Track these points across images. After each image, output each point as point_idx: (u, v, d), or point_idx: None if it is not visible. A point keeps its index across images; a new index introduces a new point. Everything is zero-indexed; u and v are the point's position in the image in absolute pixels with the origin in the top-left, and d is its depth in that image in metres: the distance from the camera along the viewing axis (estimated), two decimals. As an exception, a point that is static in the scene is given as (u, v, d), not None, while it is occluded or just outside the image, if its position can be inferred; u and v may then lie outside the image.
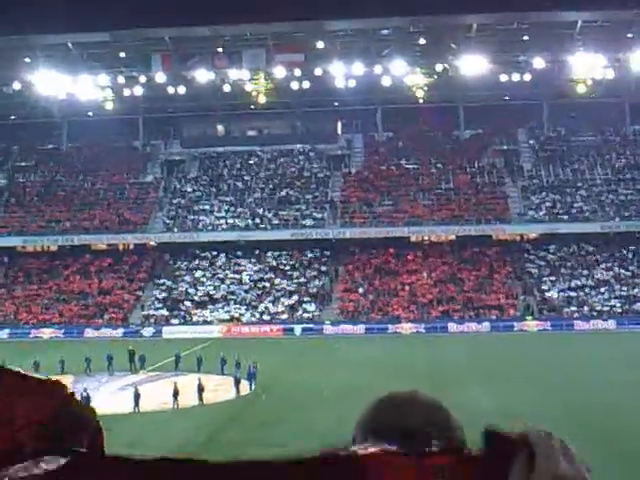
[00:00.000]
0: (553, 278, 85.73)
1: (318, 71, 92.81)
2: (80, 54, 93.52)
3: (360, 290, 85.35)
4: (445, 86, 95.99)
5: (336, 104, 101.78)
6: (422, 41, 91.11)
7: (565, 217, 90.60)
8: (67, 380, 49.39)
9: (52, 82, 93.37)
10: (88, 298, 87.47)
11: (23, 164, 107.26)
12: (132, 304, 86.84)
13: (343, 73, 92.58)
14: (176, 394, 43.76)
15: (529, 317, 79.80)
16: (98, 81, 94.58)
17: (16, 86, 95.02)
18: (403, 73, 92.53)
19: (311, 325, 79.90)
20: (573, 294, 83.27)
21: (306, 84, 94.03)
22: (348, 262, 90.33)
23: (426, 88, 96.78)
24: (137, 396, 43.00)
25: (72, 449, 2.27)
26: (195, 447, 34.38)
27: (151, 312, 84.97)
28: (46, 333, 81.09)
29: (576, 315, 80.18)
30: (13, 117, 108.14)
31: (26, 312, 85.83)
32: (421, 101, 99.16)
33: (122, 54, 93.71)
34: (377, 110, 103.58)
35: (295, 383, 48.73)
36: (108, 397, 47.23)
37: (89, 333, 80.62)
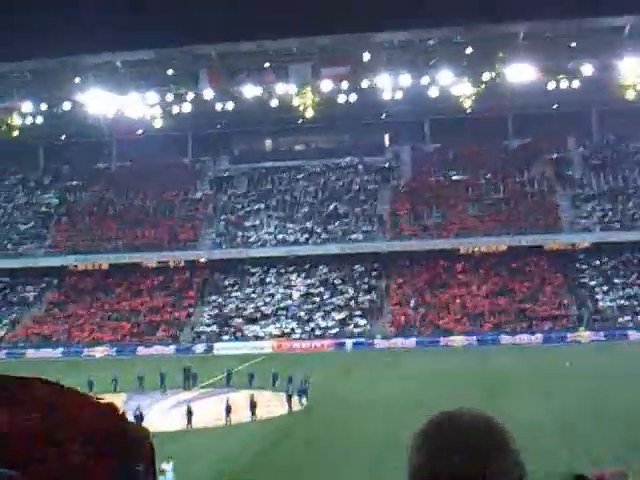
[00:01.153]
0: (606, 288, 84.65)
1: (365, 83, 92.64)
2: (128, 72, 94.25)
3: (411, 303, 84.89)
4: (493, 95, 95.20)
5: (383, 116, 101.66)
6: (469, 50, 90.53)
7: (617, 225, 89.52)
8: (120, 398, 49.93)
9: (101, 101, 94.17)
10: (139, 316, 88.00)
11: (74, 183, 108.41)
12: (183, 321, 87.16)
13: (390, 85, 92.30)
14: (229, 410, 43.70)
15: (582, 328, 78.86)
16: (147, 99, 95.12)
17: (66, 106, 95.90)
18: (450, 83, 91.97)
19: (362, 339, 79.57)
20: (626, 303, 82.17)
21: (353, 97, 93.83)
22: (398, 275, 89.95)
23: (474, 98, 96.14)
24: (190, 413, 43.00)
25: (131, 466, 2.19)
26: (248, 462, 34.34)
27: (202, 329, 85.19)
28: (99, 352, 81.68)
29: (630, 325, 79.06)
30: (63, 137, 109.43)
31: (79, 331, 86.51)
32: (469, 111, 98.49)
33: (170, 71, 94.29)
34: (425, 121, 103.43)
35: (347, 399, 48.50)
36: (161, 415, 47.30)
37: (141, 351, 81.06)
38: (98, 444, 2.51)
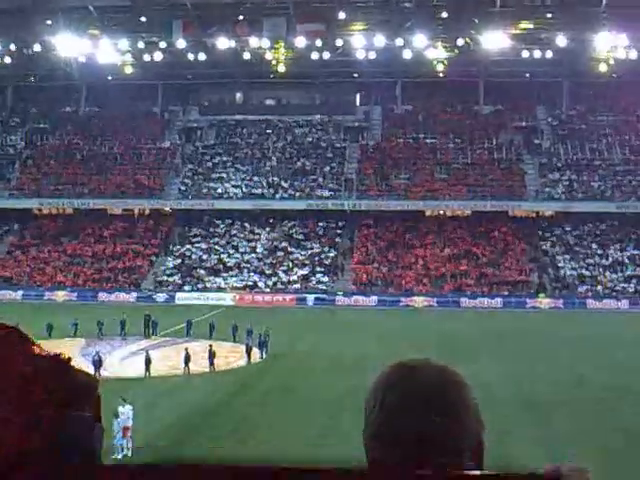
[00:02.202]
0: (567, 256, 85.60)
1: (339, 42, 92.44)
2: (101, 17, 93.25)
3: (374, 262, 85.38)
4: (466, 61, 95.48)
5: (356, 75, 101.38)
6: (444, 14, 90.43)
7: (581, 196, 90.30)
8: (79, 343, 50.02)
9: (72, 45, 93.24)
10: (102, 262, 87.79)
11: (41, 126, 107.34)
12: (146, 269, 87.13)
13: (364, 45, 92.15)
14: (187, 360, 43.88)
15: (542, 294, 79.77)
16: (118, 45, 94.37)
17: (36, 48, 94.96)
18: (424, 46, 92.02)
19: (324, 296, 79.97)
20: (587, 273, 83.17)
21: (326, 55, 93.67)
22: (362, 234, 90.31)
23: (447, 62, 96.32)
24: (148, 361, 43.10)
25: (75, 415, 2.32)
26: (206, 412, 34.59)
27: (165, 278, 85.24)
28: (60, 296, 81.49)
29: (589, 294, 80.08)
30: (32, 79, 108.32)
31: (40, 274, 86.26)
32: (441, 75, 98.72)
33: (143, 19, 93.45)
34: (397, 83, 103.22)
35: (306, 352, 48.96)
36: (120, 361, 47.48)
37: (102, 297, 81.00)
38: (40, 390, 2.63)
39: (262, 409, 34.90)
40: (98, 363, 41.60)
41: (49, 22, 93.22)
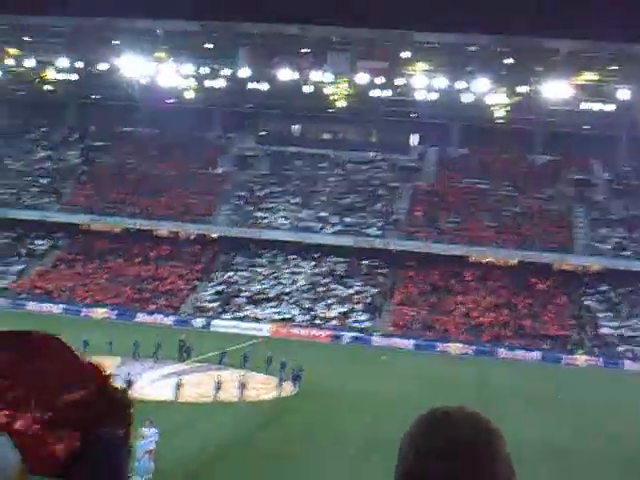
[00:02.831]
0: (609, 314, 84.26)
1: (400, 81, 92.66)
2: (168, 41, 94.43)
3: (414, 305, 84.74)
4: (526, 108, 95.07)
5: (413, 115, 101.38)
6: (508, 61, 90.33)
7: (630, 254, 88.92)
8: (113, 362, 50.08)
9: (137, 66, 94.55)
10: (144, 283, 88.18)
11: (99, 144, 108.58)
12: (186, 294, 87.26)
13: (424, 85, 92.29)
14: (218, 387, 43.82)
15: (580, 351, 78.57)
16: (182, 70, 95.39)
17: (102, 67, 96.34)
18: (485, 91, 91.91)
19: (361, 334, 79.44)
20: (628, 333, 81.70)
21: (386, 93, 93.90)
22: (406, 275, 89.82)
23: (506, 108, 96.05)
24: (179, 385, 43.11)
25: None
26: (230, 443, 34.41)
27: (204, 304, 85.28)
28: (99, 313, 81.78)
29: (629, 354, 78.69)
30: (94, 97, 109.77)
31: (82, 290, 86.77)
32: (500, 121, 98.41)
33: (209, 45, 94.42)
34: (454, 126, 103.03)
35: (337, 391, 48.57)
36: (150, 384, 47.48)
37: (141, 317, 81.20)
38: (81, 406, 2.61)
39: (286, 446, 34.60)
40: (129, 384, 41.64)
41: (117, 42, 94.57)
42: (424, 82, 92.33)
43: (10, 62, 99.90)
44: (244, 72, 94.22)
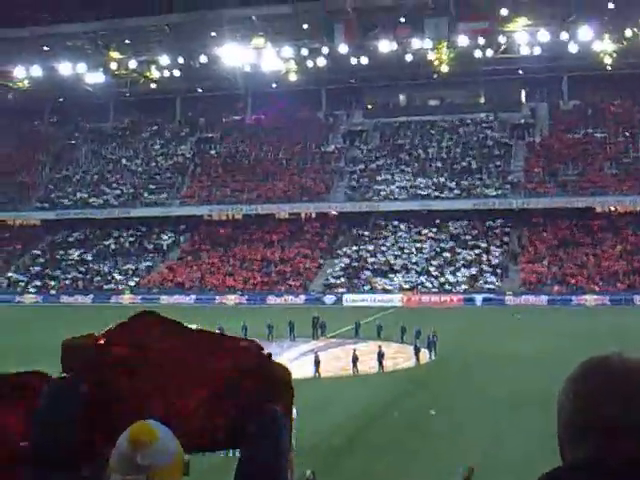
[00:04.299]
0: None
1: (502, 39, 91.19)
2: (264, 27, 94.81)
3: (544, 261, 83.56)
4: (635, 53, 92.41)
5: (520, 72, 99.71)
6: (610, 5, 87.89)
7: None
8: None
9: (237, 55, 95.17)
10: (270, 266, 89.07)
11: (209, 135, 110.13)
12: (313, 272, 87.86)
13: (527, 40, 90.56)
14: (355, 361, 43.85)
15: None
16: (282, 53, 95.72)
17: (202, 60, 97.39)
18: (590, 39, 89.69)
19: (492, 295, 78.78)
20: None
21: (489, 52, 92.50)
22: (531, 233, 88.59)
23: (615, 54, 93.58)
24: (317, 362, 43.30)
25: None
26: (373, 414, 34.42)
27: (332, 280, 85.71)
28: (230, 299, 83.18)
29: None
30: (199, 90, 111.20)
31: (211, 279, 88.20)
32: (609, 68, 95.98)
33: (305, 26, 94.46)
34: (563, 78, 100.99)
35: (475, 354, 48.13)
36: (289, 363, 47.80)
37: (272, 300, 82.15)
38: (243, 382, 2.70)
39: (428, 412, 34.45)
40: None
41: (214, 34, 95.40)
42: (527, 37, 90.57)
43: (114, 65, 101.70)
44: (343, 48, 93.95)
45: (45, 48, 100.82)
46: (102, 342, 3.64)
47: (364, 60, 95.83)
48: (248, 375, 2.81)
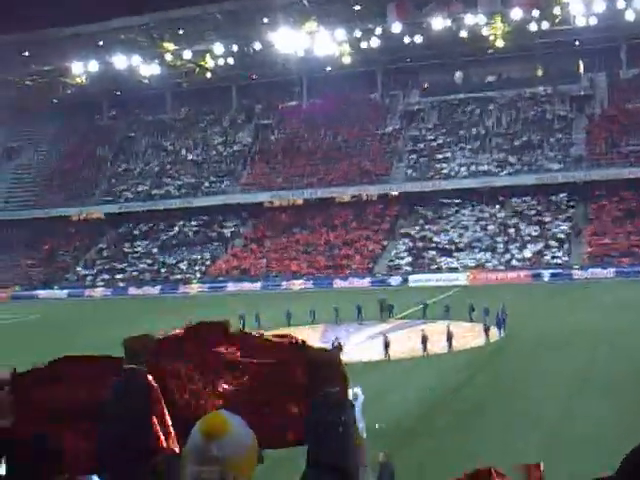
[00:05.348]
0: None
1: (556, 10, 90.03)
2: (316, 10, 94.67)
3: (610, 233, 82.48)
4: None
5: (577, 43, 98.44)
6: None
7: None
8: (318, 330, 50.90)
9: (290, 40, 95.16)
10: (335, 249, 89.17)
11: (266, 122, 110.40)
12: (378, 254, 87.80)
13: (583, 11, 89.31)
14: (425, 341, 43.79)
15: None
16: (335, 36, 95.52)
17: (256, 46, 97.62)
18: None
19: (559, 270, 78.01)
20: None
21: (545, 25, 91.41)
22: (596, 205, 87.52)
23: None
24: (387, 344, 43.28)
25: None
26: (448, 391, 34.40)
27: (397, 261, 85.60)
28: (296, 284, 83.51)
29: None
30: (255, 77, 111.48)
31: (276, 265, 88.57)
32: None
33: (357, 7, 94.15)
34: (621, 46, 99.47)
35: (545, 330, 47.80)
36: (359, 346, 47.85)
37: (337, 283, 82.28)
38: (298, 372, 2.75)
39: (503, 387, 34.35)
40: (338, 348, 42.23)
41: (266, 20, 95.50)
42: (581, 7, 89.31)
43: (168, 56, 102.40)
44: (396, 27, 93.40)
45: (100, 43, 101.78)
46: (158, 345, 3.79)
47: (418, 39, 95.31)
48: (290, 370, 2.88)
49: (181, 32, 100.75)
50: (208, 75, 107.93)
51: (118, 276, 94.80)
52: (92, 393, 4.11)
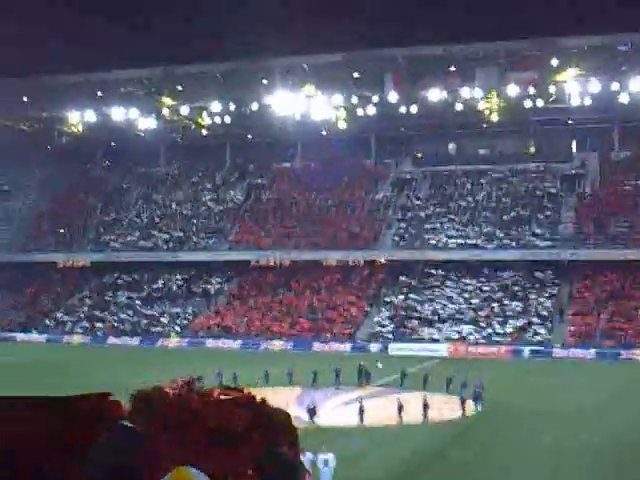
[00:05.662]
0: None
1: (552, 89, 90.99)
2: (315, 74, 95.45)
3: (592, 313, 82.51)
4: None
5: (570, 122, 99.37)
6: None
7: None
8: (294, 392, 50.67)
9: (287, 103, 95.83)
10: (317, 312, 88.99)
11: (258, 181, 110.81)
12: (360, 319, 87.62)
13: (578, 91, 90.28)
14: (400, 410, 43.60)
15: None
16: (332, 101, 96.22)
17: (254, 107, 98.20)
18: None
19: (540, 348, 77.81)
20: None
21: (540, 102, 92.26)
22: (580, 285, 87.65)
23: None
24: (362, 410, 43.11)
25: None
26: (418, 463, 34.14)
27: (378, 329, 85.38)
28: (276, 345, 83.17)
29: None
30: (250, 136, 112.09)
31: (257, 324, 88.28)
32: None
33: (355, 74, 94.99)
34: (614, 128, 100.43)
35: (522, 408, 47.60)
36: (334, 410, 47.60)
37: (317, 347, 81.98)
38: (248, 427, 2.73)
39: (477, 464, 34.11)
40: (312, 411, 42.09)
41: (265, 82, 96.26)
42: (577, 88, 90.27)
43: (166, 111, 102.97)
44: (393, 96, 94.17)
45: (99, 94, 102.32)
46: (170, 399, 3.75)
47: (414, 109, 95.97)
48: (249, 429, 2.85)
49: (180, 88, 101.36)
50: (204, 132, 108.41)
51: (98, 324, 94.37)
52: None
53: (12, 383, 45.47)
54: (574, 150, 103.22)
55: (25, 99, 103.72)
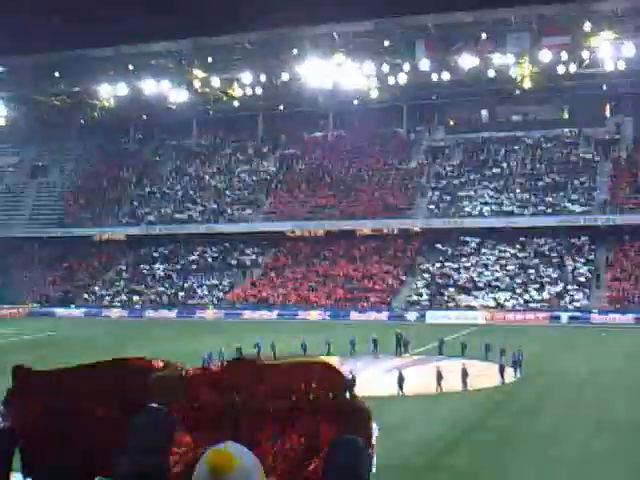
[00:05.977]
0: None
1: (585, 54, 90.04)
2: (345, 43, 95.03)
3: (630, 279, 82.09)
4: None
5: (604, 87, 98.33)
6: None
7: None
8: (333, 361, 50.82)
9: (318, 72, 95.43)
10: (353, 282, 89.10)
11: (291, 152, 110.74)
12: (396, 288, 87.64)
13: (612, 55, 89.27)
14: (439, 378, 43.60)
15: None
16: (363, 70, 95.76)
17: (284, 77, 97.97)
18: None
19: (578, 313, 77.58)
20: None
21: (573, 67, 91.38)
22: (617, 249, 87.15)
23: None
24: (401, 379, 43.13)
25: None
26: (459, 432, 34.19)
27: (415, 297, 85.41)
28: (313, 315, 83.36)
29: None
30: (281, 107, 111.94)
31: (294, 294, 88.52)
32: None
33: (386, 42, 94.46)
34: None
35: (560, 374, 47.56)
36: (373, 380, 47.65)
37: (354, 316, 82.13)
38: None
39: (518, 431, 34.14)
40: (352, 382, 42.17)
41: (295, 52, 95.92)
42: (611, 52, 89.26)
43: (197, 83, 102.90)
44: (424, 64, 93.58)
45: (130, 67, 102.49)
46: (189, 380, 3.95)
47: (445, 76, 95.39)
48: (326, 410, 2.89)
49: (210, 60, 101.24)
50: (235, 103, 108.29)
51: (135, 297, 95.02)
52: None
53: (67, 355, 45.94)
54: (608, 115, 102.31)
55: (57, 74, 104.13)
